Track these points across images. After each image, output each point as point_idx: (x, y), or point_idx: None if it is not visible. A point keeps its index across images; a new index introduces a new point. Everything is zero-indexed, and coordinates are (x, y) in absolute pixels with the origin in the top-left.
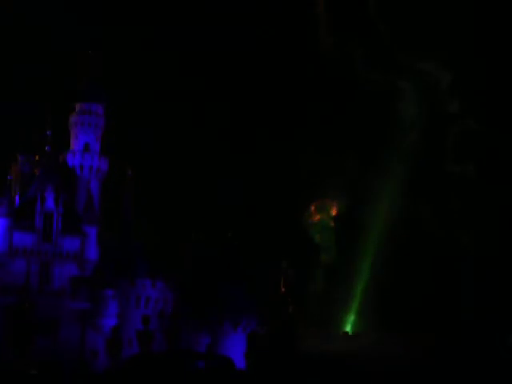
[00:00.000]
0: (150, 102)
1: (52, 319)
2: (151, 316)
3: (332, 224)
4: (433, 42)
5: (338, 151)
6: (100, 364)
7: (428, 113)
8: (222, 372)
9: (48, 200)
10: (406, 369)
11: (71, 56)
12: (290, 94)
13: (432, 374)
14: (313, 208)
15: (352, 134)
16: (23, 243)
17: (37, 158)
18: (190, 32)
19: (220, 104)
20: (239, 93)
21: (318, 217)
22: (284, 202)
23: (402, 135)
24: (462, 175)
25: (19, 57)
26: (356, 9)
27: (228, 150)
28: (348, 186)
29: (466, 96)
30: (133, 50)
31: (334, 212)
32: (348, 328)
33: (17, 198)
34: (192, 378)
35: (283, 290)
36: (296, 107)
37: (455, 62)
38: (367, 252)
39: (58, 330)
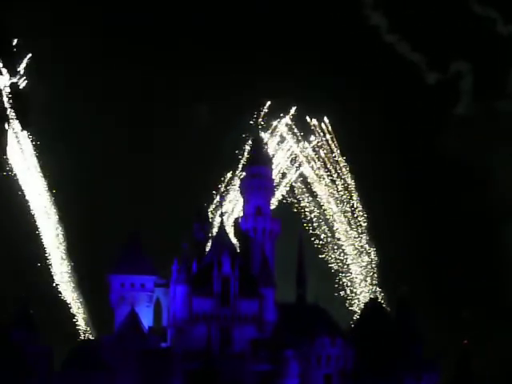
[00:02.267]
0: None
1: (235, 382)
2: (333, 374)
3: None
4: None
5: None
6: None
7: None
8: None
9: (224, 264)
10: None
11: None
12: None
13: None
14: None
15: None
16: (202, 308)
17: (210, 224)
18: None
19: None
20: None
21: None
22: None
23: None
24: None
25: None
26: None
27: None
28: None
29: None
30: None
31: None
32: None
33: (194, 264)
34: None
35: (465, 341)
36: None
37: None
38: None
39: None
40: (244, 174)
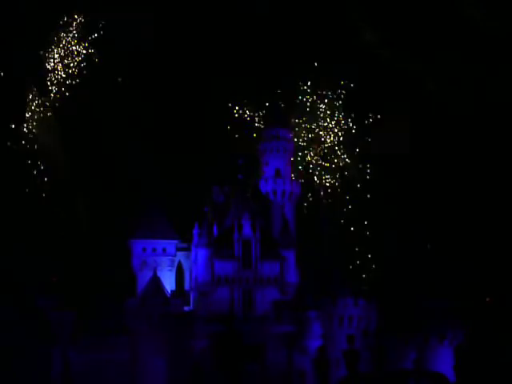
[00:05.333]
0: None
1: (258, 344)
2: (355, 335)
3: None
4: None
5: None
6: None
7: None
8: None
9: (245, 227)
10: None
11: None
12: None
13: None
14: None
15: None
16: (224, 271)
17: (230, 187)
18: None
19: None
20: None
21: None
22: None
23: None
24: None
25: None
26: None
27: None
28: None
29: None
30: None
31: None
32: None
33: (214, 228)
34: None
35: (488, 299)
36: None
37: None
38: None
39: (265, 354)
40: (263, 136)
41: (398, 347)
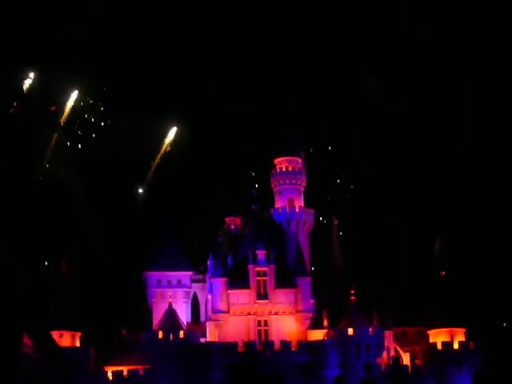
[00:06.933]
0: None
1: (276, 374)
2: (373, 363)
3: None
4: None
5: None
6: None
7: None
8: None
9: (259, 257)
10: None
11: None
12: None
13: None
14: None
15: None
16: (240, 301)
17: (243, 217)
18: None
19: None
20: None
21: None
22: None
23: None
24: None
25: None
26: None
27: None
28: None
29: None
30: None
31: None
32: None
33: (229, 258)
34: None
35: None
36: None
37: None
38: None
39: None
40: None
41: (416, 374)
